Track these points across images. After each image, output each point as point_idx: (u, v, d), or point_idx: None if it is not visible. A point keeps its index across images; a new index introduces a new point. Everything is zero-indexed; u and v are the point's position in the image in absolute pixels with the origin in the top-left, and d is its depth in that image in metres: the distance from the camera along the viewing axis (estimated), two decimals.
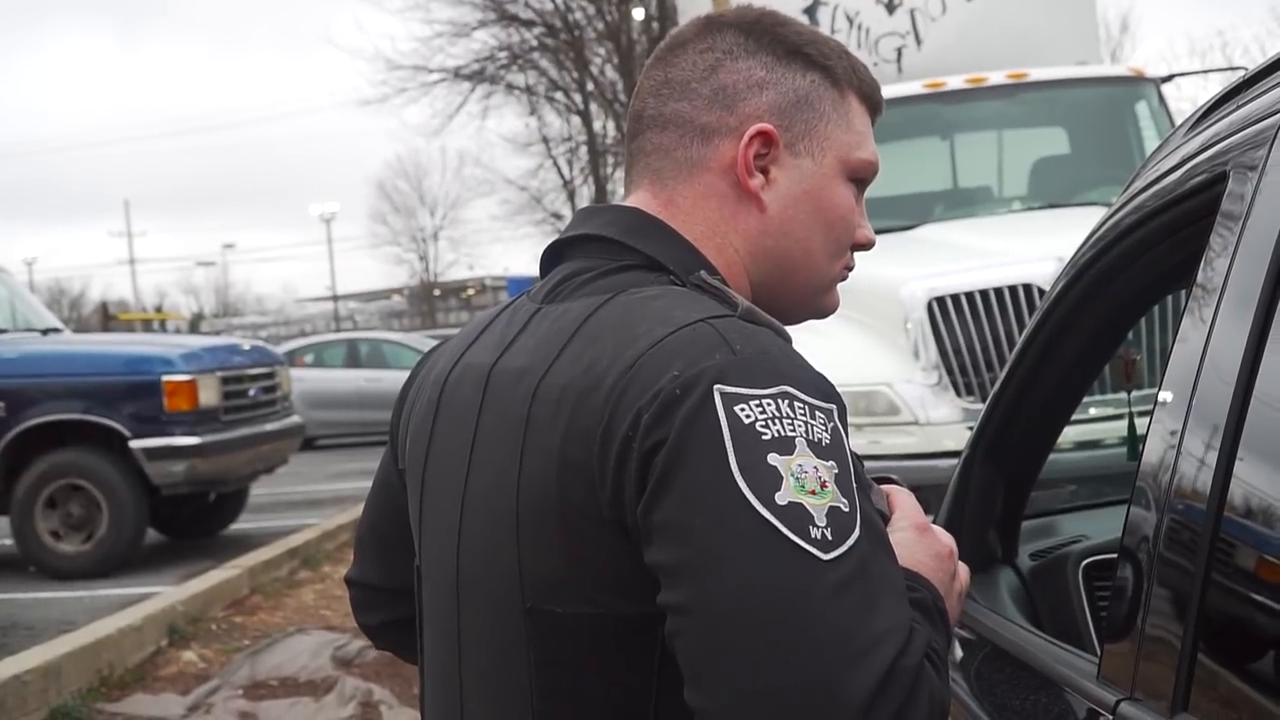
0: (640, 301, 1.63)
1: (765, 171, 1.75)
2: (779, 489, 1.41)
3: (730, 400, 1.45)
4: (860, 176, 1.82)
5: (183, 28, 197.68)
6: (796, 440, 1.44)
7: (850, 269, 1.87)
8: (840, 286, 1.88)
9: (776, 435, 1.44)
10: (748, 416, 1.44)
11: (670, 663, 1.47)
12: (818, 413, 1.48)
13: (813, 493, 1.42)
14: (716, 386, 1.46)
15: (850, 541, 1.41)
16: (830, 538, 1.40)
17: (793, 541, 1.38)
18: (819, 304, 1.86)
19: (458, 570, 1.72)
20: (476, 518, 1.68)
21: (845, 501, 1.43)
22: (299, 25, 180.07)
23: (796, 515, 1.40)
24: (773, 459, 1.42)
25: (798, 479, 1.42)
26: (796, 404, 1.47)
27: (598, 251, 1.75)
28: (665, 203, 1.77)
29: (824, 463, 1.45)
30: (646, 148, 1.80)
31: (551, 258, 1.83)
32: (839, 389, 1.55)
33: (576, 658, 1.58)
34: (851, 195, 1.81)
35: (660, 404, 1.47)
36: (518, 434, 1.61)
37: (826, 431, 1.48)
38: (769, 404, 1.46)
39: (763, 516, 1.39)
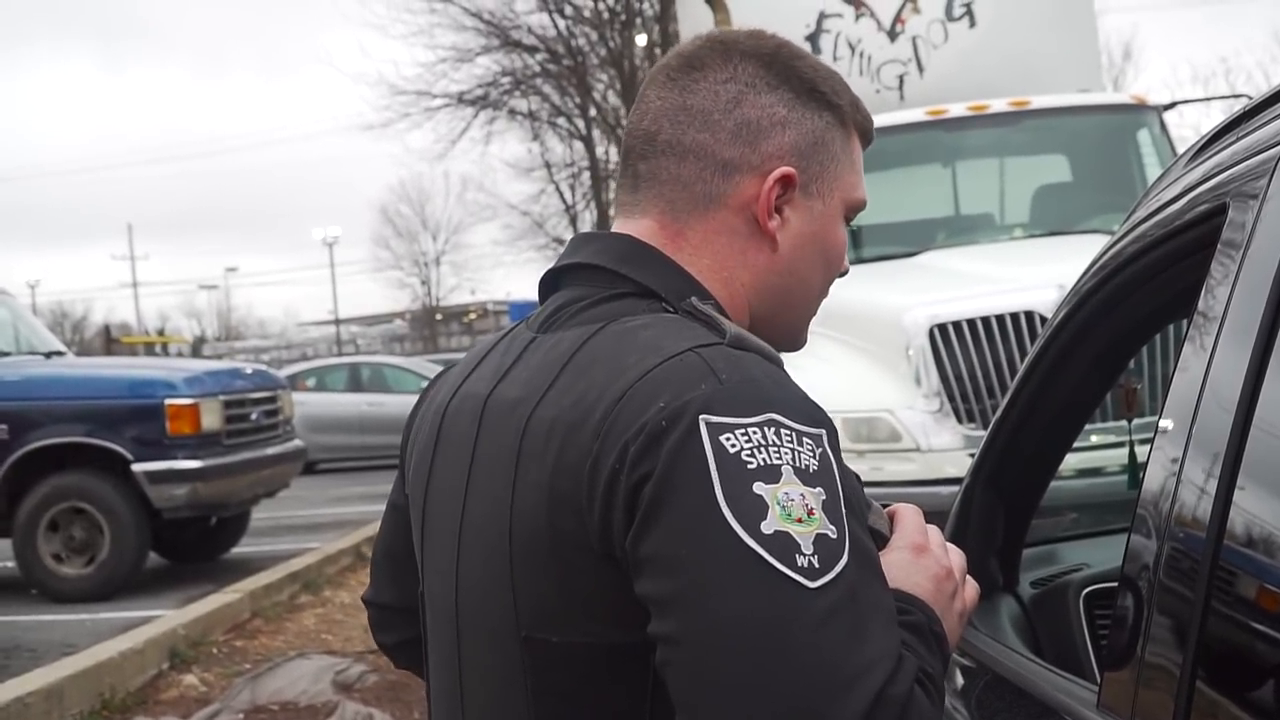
0: (630, 331, 1.63)
1: (779, 211, 1.75)
2: (765, 518, 1.41)
3: (716, 430, 1.45)
4: (854, 214, 1.84)
5: (180, 52, 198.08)
6: (783, 468, 1.44)
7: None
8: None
9: (762, 464, 1.44)
10: (733, 446, 1.44)
11: (663, 689, 1.48)
12: (805, 439, 1.48)
13: (799, 520, 1.42)
14: (702, 417, 1.46)
15: (838, 568, 1.41)
16: (817, 565, 1.40)
17: (779, 570, 1.38)
18: (797, 339, 1.87)
19: (456, 599, 1.73)
20: (473, 548, 1.69)
21: (833, 528, 1.43)
22: (301, 49, 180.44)
23: (782, 544, 1.40)
24: (758, 488, 1.42)
25: (784, 507, 1.42)
26: (783, 431, 1.47)
27: (590, 280, 1.76)
28: (674, 234, 1.76)
29: (811, 489, 1.45)
30: (662, 175, 1.78)
31: (549, 285, 1.84)
32: (840, 415, 1.56)
33: (572, 686, 1.59)
34: (846, 233, 1.84)
35: (647, 436, 1.47)
36: (510, 466, 1.62)
37: (814, 458, 1.48)
38: (755, 432, 1.46)
39: (748, 546, 1.39)
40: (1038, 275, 7.91)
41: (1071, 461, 6.65)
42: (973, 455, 2.95)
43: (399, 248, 79.66)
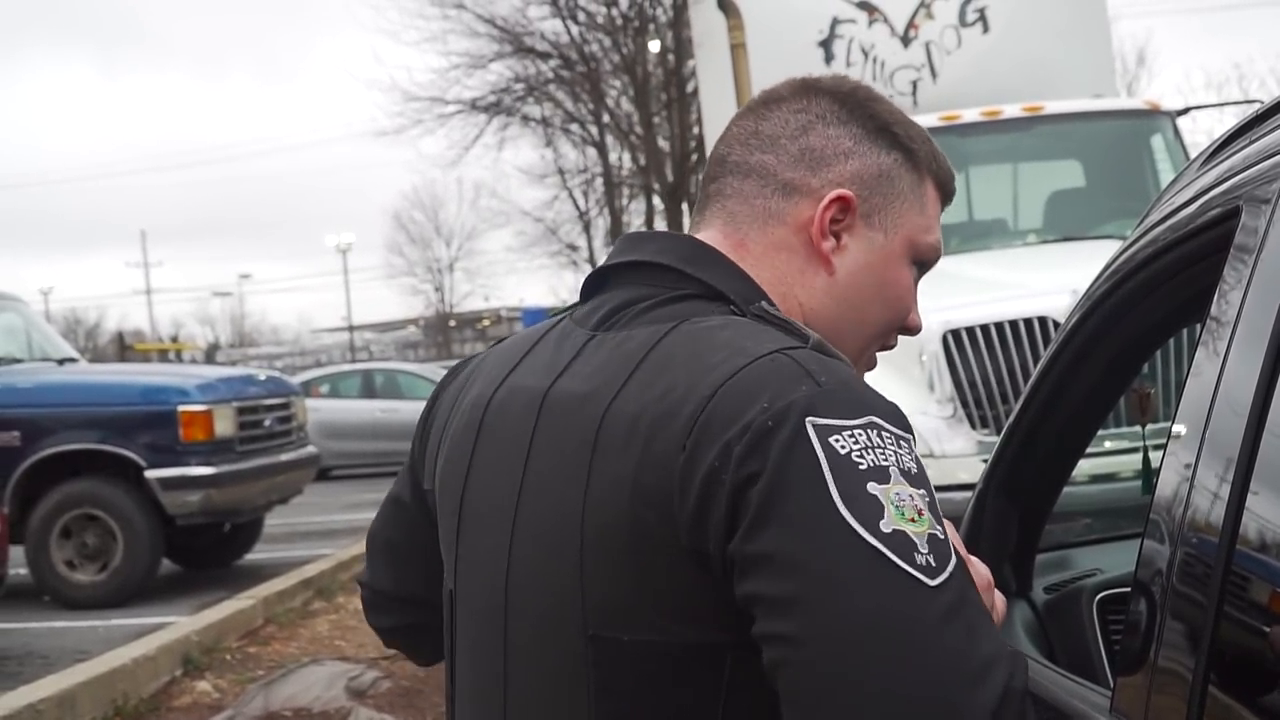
0: (707, 331, 1.64)
1: (837, 236, 1.78)
2: (882, 517, 1.42)
3: (824, 432, 1.46)
4: (924, 260, 1.86)
5: (192, 58, 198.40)
6: (890, 469, 1.46)
7: (891, 348, 1.90)
8: None
9: (872, 465, 1.45)
10: (843, 447, 1.46)
11: (737, 690, 1.49)
12: (903, 442, 1.51)
13: (912, 520, 1.43)
14: (809, 418, 1.47)
15: (951, 567, 1.43)
16: (934, 564, 1.41)
17: (902, 568, 1.39)
18: None
19: (505, 596, 1.71)
20: (530, 542, 1.67)
21: (940, 529, 1.45)
22: (314, 55, 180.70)
23: (902, 542, 1.41)
24: (872, 488, 1.44)
25: (898, 507, 1.43)
26: (885, 434, 1.49)
27: (652, 279, 1.77)
28: (736, 244, 1.79)
29: (917, 491, 1.46)
30: (725, 191, 1.82)
31: (596, 283, 1.84)
32: None
33: (639, 685, 1.57)
34: (912, 277, 1.85)
35: (753, 435, 1.47)
36: (583, 460, 1.61)
37: (913, 461, 1.50)
38: (860, 434, 1.47)
39: (871, 544, 1.40)
40: (1051, 280, 7.90)
41: (1085, 467, 6.65)
42: (986, 461, 2.95)
43: (412, 254, 79.81)
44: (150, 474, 11.52)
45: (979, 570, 1.69)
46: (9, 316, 13.49)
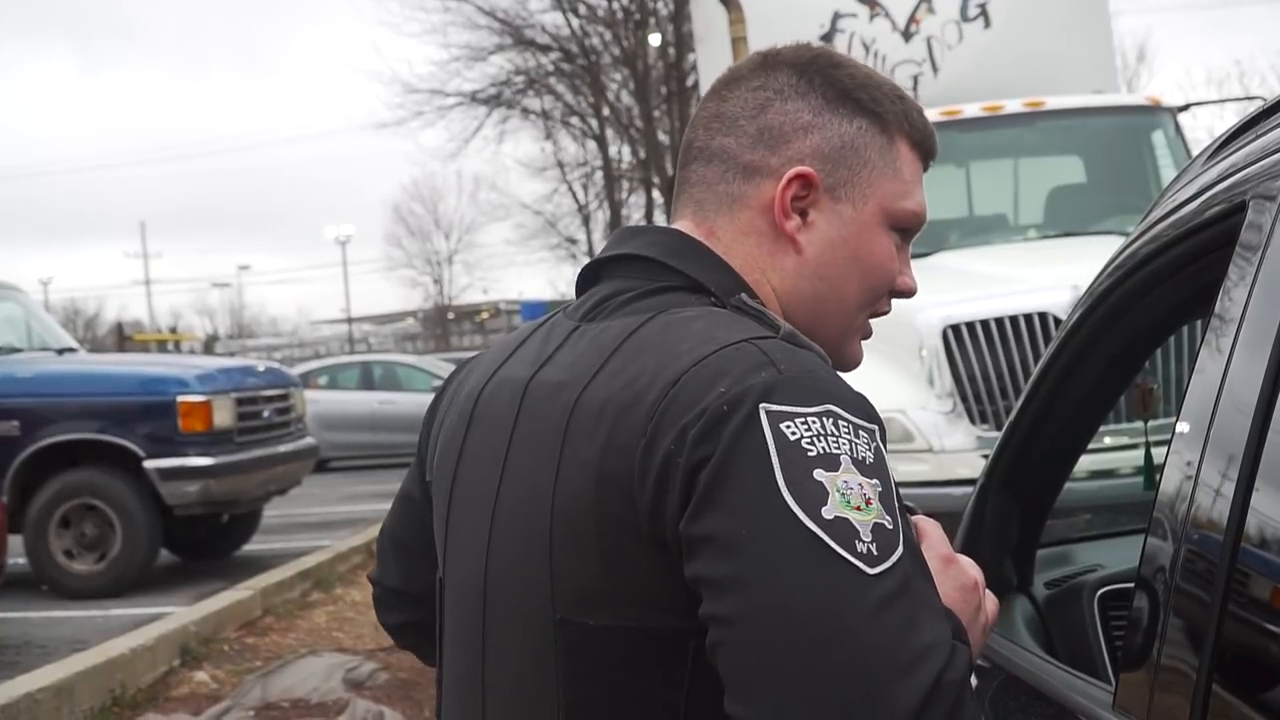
0: (681, 321, 1.64)
1: (804, 214, 1.76)
2: (825, 503, 1.42)
3: (776, 417, 1.47)
4: (904, 226, 1.82)
5: (195, 49, 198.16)
6: (841, 457, 1.46)
7: (884, 314, 1.88)
8: None
9: (822, 452, 1.45)
10: (793, 433, 1.46)
11: (701, 676, 1.49)
12: (861, 432, 1.50)
13: (858, 508, 1.43)
14: (762, 404, 1.47)
15: (894, 558, 1.42)
16: (875, 552, 1.41)
17: (839, 554, 1.39)
18: (843, 353, 1.85)
19: (485, 580, 1.72)
20: (507, 528, 1.69)
21: (889, 519, 1.45)
22: (316, 46, 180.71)
23: (842, 529, 1.41)
24: (818, 474, 1.44)
25: (843, 494, 1.43)
26: (840, 422, 1.49)
27: (638, 271, 1.77)
28: (707, 233, 1.78)
29: (868, 480, 1.46)
30: (692, 179, 1.82)
31: (589, 276, 1.85)
32: None
33: (607, 670, 1.58)
34: (892, 243, 1.81)
35: (707, 420, 1.48)
36: (554, 446, 1.62)
37: (870, 450, 1.49)
38: (814, 422, 1.47)
39: (809, 530, 1.40)
40: (1052, 276, 7.90)
41: (1086, 463, 6.64)
42: (986, 456, 2.95)
43: (411, 246, 79.65)
44: (149, 464, 11.53)
45: (968, 570, 1.69)
46: (9, 306, 13.50)
